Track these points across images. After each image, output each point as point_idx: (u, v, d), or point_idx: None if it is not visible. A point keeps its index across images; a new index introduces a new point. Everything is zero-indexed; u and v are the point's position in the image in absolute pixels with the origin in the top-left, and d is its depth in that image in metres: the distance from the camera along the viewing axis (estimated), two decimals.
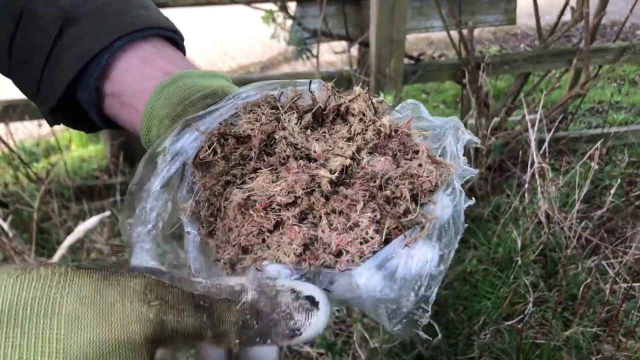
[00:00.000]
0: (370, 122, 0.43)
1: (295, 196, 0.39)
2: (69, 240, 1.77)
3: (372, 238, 0.37)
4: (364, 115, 0.44)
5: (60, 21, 0.48)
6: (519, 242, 2.24)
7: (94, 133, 0.59)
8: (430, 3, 2.56)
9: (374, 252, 0.37)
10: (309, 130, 0.44)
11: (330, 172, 0.40)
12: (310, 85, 0.46)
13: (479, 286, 2.23)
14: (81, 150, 3.44)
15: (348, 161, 0.41)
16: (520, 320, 2.02)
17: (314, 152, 0.41)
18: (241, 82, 1.87)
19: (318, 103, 0.45)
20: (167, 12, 0.57)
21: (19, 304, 0.27)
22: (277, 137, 0.42)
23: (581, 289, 2.06)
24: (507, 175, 2.86)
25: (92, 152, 3.33)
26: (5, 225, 1.83)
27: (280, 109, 0.44)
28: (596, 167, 2.45)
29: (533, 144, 2.25)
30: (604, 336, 1.96)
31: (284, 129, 0.42)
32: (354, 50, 2.71)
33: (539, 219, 2.34)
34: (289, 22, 2.40)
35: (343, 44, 2.61)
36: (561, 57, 2.68)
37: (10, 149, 2.29)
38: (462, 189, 0.41)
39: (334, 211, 0.39)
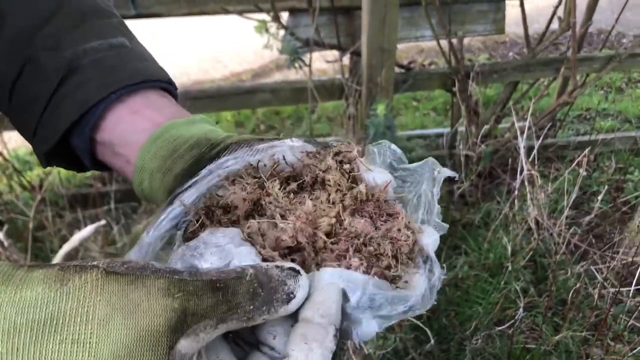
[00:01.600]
0: (347, 190, 0.47)
1: (298, 242, 0.43)
2: (65, 248, 1.78)
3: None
4: (339, 185, 0.47)
5: (62, 72, 0.51)
6: (509, 248, 2.28)
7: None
8: (420, 13, 2.59)
9: None
10: (291, 195, 0.47)
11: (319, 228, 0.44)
12: (288, 146, 0.49)
13: (470, 292, 2.26)
14: None
15: (333, 220, 0.44)
16: (511, 325, 2.05)
17: (304, 212, 0.45)
18: (234, 90, 1.88)
19: (295, 171, 0.49)
20: (161, 21, 0.60)
21: (59, 314, 0.30)
22: (263, 203, 0.45)
23: (570, 294, 2.09)
24: (497, 182, 2.89)
25: None
26: (1, 235, 1.84)
27: (262, 176, 0.47)
28: (584, 173, 2.49)
29: (522, 152, 2.29)
30: (593, 340, 1.99)
31: (268, 195, 0.46)
32: (346, 59, 2.74)
33: (528, 225, 2.37)
34: (282, 32, 2.43)
35: (335, 53, 2.64)
36: (549, 65, 2.73)
37: (5, 158, 2.30)
38: (437, 261, 0.45)
39: (323, 261, 0.42)
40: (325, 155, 0.49)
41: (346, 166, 0.49)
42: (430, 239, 0.46)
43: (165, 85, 0.56)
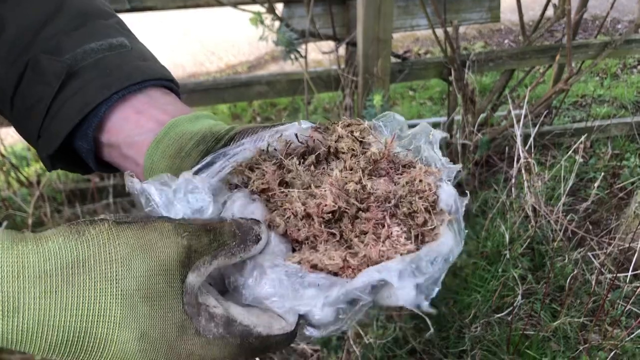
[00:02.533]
0: (361, 154, 0.49)
1: (339, 206, 0.44)
2: None
3: (404, 244, 0.43)
4: (353, 150, 0.49)
5: (62, 76, 0.51)
6: (507, 236, 2.29)
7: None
8: (415, 2, 2.59)
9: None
10: (312, 167, 0.48)
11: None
12: (296, 127, 0.50)
13: (469, 280, 2.27)
14: None
15: (358, 185, 0.46)
16: (509, 312, 2.07)
17: (334, 179, 0.46)
18: (230, 83, 1.88)
19: (308, 147, 0.50)
20: (155, 14, 0.60)
21: (85, 258, 0.34)
22: (288, 181, 0.47)
23: (568, 280, 2.11)
24: (495, 171, 2.90)
25: None
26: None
27: (280, 156, 0.48)
28: (581, 160, 2.50)
29: (519, 139, 2.29)
30: (590, 326, 2.01)
31: (289, 172, 0.47)
32: (342, 50, 2.74)
33: (526, 213, 2.38)
34: (277, 23, 2.42)
35: (330, 43, 2.63)
36: (545, 53, 2.73)
37: (2, 155, 2.29)
38: (454, 189, 0.48)
39: (362, 232, 0.44)
40: (335, 127, 0.50)
41: (357, 134, 0.50)
42: (445, 194, 0.47)
43: (167, 83, 0.56)
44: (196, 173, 0.47)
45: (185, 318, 0.37)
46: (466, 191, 0.48)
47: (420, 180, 0.46)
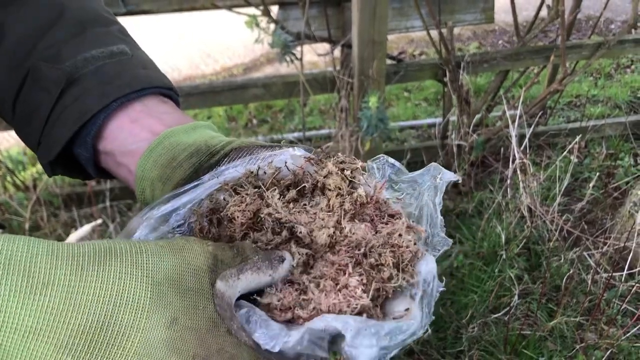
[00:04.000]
0: (347, 195, 0.47)
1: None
2: None
3: (360, 297, 0.41)
4: (340, 189, 0.47)
5: (62, 84, 0.51)
6: (503, 237, 2.30)
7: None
8: (410, 4, 2.60)
9: (363, 313, 0.41)
10: (291, 203, 0.47)
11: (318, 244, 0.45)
12: (290, 154, 0.49)
13: (466, 280, 2.28)
14: None
15: (332, 230, 0.45)
16: (506, 312, 2.08)
17: (300, 226, 0.45)
18: (226, 86, 1.88)
19: (296, 177, 0.49)
20: (151, 18, 0.60)
21: (116, 248, 0.36)
22: (262, 215, 0.46)
23: (564, 280, 2.12)
24: (490, 171, 2.91)
25: None
26: None
27: (262, 187, 0.47)
28: (575, 160, 2.51)
29: (514, 140, 2.31)
30: (587, 325, 2.02)
31: (267, 206, 0.46)
32: (337, 52, 2.74)
33: (521, 213, 2.40)
34: (272, 25, 2.43)
35: (326, 45, 2.64)
36: (539, 54, 2.74)
37: None
38: (436, 282, 0.44)
39: (322, 276, 0.42)
40: (327, 161, 0.49)
41: (347, 172, 0.48)
42: (426, 268, 0.45)
43: (166, 91, 0.57)
44: (186, 189, 0.47)
45: (216, 316, 0.37)
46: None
47: (400, 235, 0.45)
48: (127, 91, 0.52)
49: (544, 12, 2.59)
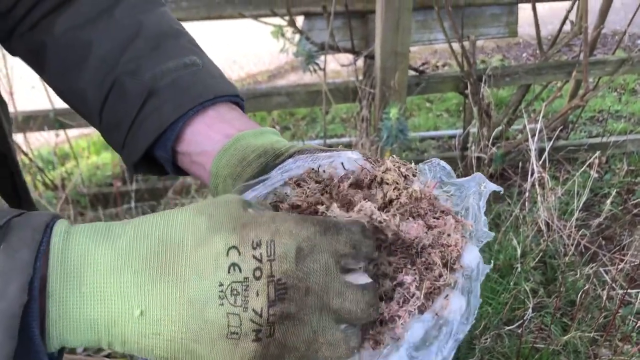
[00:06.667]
0: (404, 189, 0.51)
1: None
2: None
3: (413, 295, 0.46)
4: (397, 183, 0.51)
5: (144, 96, 0.59)
6: (519, 250, 2.31)
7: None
8: (433, 17, 2.63)
9: (418, 309, 0.46)
10: (346, 205, 0.50)
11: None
12: (348, 156, 0.54)
13: (481, 292, 2.29)
14: (95, 157, 3.53)
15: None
16: (520, 325, 2.09)
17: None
18: (251, 94, 1.93)
19: (354, 175, 0.53)
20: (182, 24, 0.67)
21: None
22: (320, 209, 0.49)
23: (579, 295, 2.12)
24: (509, 184, 2.92)
25: (106, 160, 3.41)
26: None
27: (323, 182, 0.52)
28: (595, 175, 2.52)
29: (533, 154, 2.32)
30: (601, 341, 2.02)
31: (323, 204, 0.50)
32: (360, 62, 2.79)
33: (538, 226, 2.40)
34: (297, 35, 2.48)
35: (349, 56, 2.68)
36: (561, 69, 2.75)
37: (30, 159, 2.37)
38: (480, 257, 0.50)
39: (384, 274, 0.47)
40: (384, 159, 0.53)
41: (403, 169, 0.52)
42: (477, 234, 0.50)
43: (234, 98, 0.63)
44: (256, 181, 0.52)
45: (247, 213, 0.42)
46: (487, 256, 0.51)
47: (449, 235, 0.49)
48: (201, 101, 0.59)
49: (567, 26, 2.60)
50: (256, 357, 0.38)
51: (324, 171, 0.52)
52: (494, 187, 0.53)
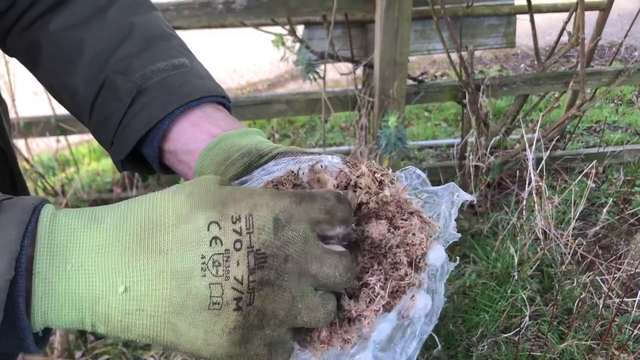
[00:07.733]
0: (374, 194, 0.53)
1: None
2: None
3: (378, 294, 0.48)
4: (369, 188, 0.53)
5: (133, 94, 0.61)
6: (517, 258, 2.33)
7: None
8: (432, 27, 2.66)
9: (383, 308, 0.48)
10: None
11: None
12: (328, 160, 0.56)
13: (478, 300, 2.31)
14: (95, 164, 3.54)
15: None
16: (517, 332, 2.10)
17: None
18: (250, 100, 1.96)
19: (333, 181, 0.55)
20: (180, 34, 0.69)
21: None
22: None
23: (576, 303, 2.14)
24: (506, 193, 2.94)
25: (106, 166, 3.43)
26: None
27: (301, 186, 0.53)
28: (592, 185, 2.53)
29: (531, 163, 2.34)
30: (597, 349, 2.03)
31: None
32: (359, 71, 2.81)
33: (536, 235, 2.42)
34: (297, 44, 2.51)
35: (348, 64, 2.71)
36: (558, 79, 2.78)
37: (31, 164, 2.39)
38: (446, 254, 0.52)
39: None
40: (361, 165, 0.55)
41: (377, 175, 0.54)
42: (444, 235, 0.52)
43: (220, 99, 0.65)
44: (239, 182, 0.54)
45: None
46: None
47: (414, 234, 0.51)
48: (188, 100, 0.61)
49: (565, 38, 2.63)
50: (236, 327, 0.40)
51: (303, 173, 0.54)
52: (466, 196, 0.55)
